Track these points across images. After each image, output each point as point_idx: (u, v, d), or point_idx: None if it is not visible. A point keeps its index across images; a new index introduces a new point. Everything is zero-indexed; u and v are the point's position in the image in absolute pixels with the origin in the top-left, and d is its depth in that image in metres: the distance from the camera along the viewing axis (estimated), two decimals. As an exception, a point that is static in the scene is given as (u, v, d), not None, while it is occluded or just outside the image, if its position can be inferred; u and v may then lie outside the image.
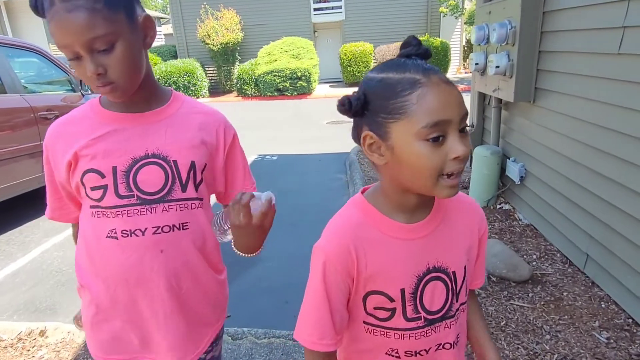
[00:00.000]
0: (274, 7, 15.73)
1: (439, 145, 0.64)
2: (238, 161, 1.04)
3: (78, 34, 0.75)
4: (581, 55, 2.48)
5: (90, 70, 0.78)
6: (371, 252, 0.74)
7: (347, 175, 5.19)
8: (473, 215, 0.83)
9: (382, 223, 0.75)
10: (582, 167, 2.51)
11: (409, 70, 0.66)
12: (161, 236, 0.89)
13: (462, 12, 14.49)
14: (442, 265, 0.77)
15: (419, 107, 0.63)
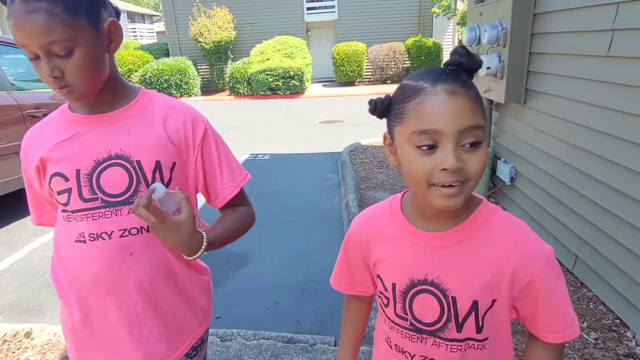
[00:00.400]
0: (266, 5, 15.67)
1: (430, 154, 0.64)
2: (213, 157, 0.96)
3: (35, 37, 0.74)
4: (571, 57, 2.50)
5: (46, 72, 0.77)
6: (380, 242, 0.82)
7: (338, 175, 5.18)
8: (511, 252, 0.72)
9: (397, 220, 0.80)
10: (572, 168, 2.53)
11: (425, 78, 0.66)
12: (129, 239, 0.86)
13: (455, 13, 14.54)
14: (441, 284, 0.74)
15: (413, 114, 0.65)
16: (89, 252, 0.86)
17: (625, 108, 2.04)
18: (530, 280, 0.72)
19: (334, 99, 13.00)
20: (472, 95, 0.65)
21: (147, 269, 0.88)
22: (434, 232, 0.75)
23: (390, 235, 0.80)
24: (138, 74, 13.80)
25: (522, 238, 0.74)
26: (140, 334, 0.91)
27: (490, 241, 0.73)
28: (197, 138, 0.93)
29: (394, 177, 4.81)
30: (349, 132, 7.72)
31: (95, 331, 0.91)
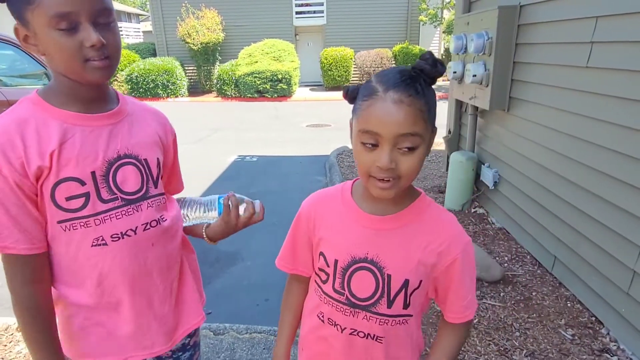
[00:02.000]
0: (256, 8, 15.70)
1: (372, 151, 0.75)
2: (177, 161, 1.09)
3: (88, 2, 0.74)
4: (553, 67, 2.62)
5: (95, 39, 0.75)
6: (327, 220, 0.90)
7: (326, 177, 5.25)
8: (442, 241, 0.83)
9: (345, 202, 0.89)
10: (552, 173, 2.65)
11: (383, 81, 0.74)
12: (150, 231, 0.92)
13: (441, 21, 14.85)
14: (380, 263, 0.84)
15: (363, 114, 0.74)
16: (112, 253, 0.87)
17: (603, 117, 2.16)
18: (450, 264, 0.84)
19: (321, 103, 13.09)
20: (417, 105, 0.71)
21: (164, 254, 0.97)
22: (377, 216, 0.85)
23: (338, 215, 0.88)
24: (124, 73, 13.67)
25: (448, 228, 0.86)
26: (162, 314, 0.98)
27: (423, 228, 0.85)
28: (174, 141, 1.05)
29: (381, 180, 4.90)
30: (336, 135, 7.79)
31: (121, 323, 0.93)
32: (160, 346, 0.99)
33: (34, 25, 0.76)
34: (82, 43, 0.76)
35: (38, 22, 0.75)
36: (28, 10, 0.74)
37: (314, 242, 0.92)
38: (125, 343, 0.95)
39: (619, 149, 2.05)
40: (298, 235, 0.95)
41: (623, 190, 2.03)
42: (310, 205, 0.94)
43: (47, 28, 0.75)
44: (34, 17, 0.74)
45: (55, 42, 0.75)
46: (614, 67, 2.07)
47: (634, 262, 1.94)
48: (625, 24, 2.00)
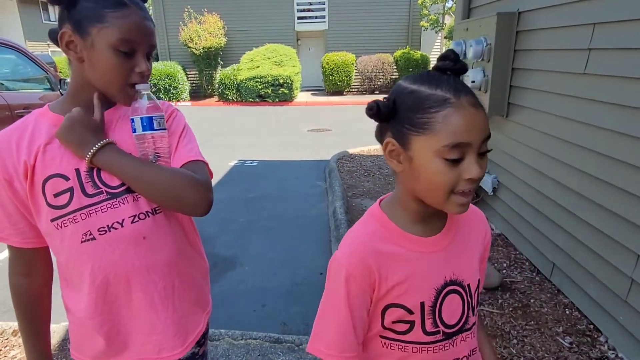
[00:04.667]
0: (258, 14, 15.79)
1: (456, 165, 0.66)
2: (180, 137, 1.01)
3: (149, 38, 0.88)
4: (551, 74, 2.63)
5: (145, 68, 0.88)
6: (391, 266, 0.75)
7: (326, 182, 5.25)
8: (481, 226, 0.86)
9: (400, 237, 0.76)
10: (550, 180, 2.64)
11: (441, 87, 0.67)
12: (139, 224, 0.89)
13: (442, 27, 14.90)
14: (459, 279, 0.79)
15: (443, 126, 0.65)
16: (102, 247, 0.87)
17: (600, 123, 2.16)
18: (487, 242, 0.87)
19: (322, 107, 13.12)
20: (481, 104, 0.69)
21: (161, 250, 0.92)
22: (435, 236, 0.78)
23: (397, 254, 0.75)
24: (126, 77, 13.73)
25: (476, 214, 0.86)
26: (167, 314, 0.94)
27: (466, 226, 0.82)
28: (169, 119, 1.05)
29: (381, 185, 4.90)
30: (336, 140, 7.80)
31: (124, 320, 0.92)
32: (170, 351, 0.96)
33: (95, 40, 0.84)
34: (133, 68, 0.87)
35: (101, 39, 0.83)
36: (96, 26, 0.83)
37: (379, 300, 0.76)
38: (129, 346, 0.94)
39: (616, 155, 2.05)
40: (355, 305, 0.74)
41: (620, 197, 2.02)
42: (362, 259, 0.74)
43: (109, 46, 0.84)
44: (100, 33, 0.83)
45: (111, 60, 0.84)
46: (611, 73, 2.07)
47: (632, 270, 1.93)
48: (622, 31, 2.01)
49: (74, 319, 0.95)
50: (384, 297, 0.75)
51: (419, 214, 0.76)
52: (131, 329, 0.93)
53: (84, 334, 0.94)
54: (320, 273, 2.97)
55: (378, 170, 5.53)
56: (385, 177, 5.23)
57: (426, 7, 14.38)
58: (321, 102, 13.94)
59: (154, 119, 0.88)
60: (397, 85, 0.73)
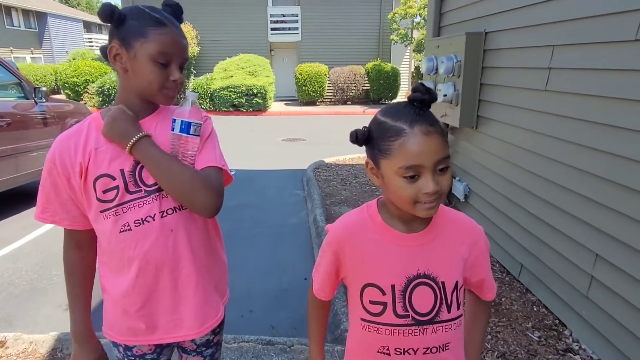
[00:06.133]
0: (231, 24, 15.85)
1: (414, 181, 0.81)
2: (207, 142, 1.16)
3: (182, 52, 1.03)
4: (515, 90, 2.86)
5: (178, 77, 1.02)
6: (366, 247, 0.91)
7: (304, 191, 5.36)
8: (468, 235, 0.95)
9: (382, 228, 0.92)
10: (517, 187, 2.86)
11: (401, 119, 0.81)
12: (167, 218, 1.02)
13: (411, 41, 15.41)
14: (432, 274, 0.90)
15: (399, 152, 0.81)
16: (136, 236, 1.01)
17: (561, 135, 2.38)
18: (479, 254, 0.95)
19: (296, 117, 13.26)
20: (440, 131, 0.82)
21: (186, 241, 1.05)
22: (414, 233, 0.91)
23: (377, 241, 0.90)
24: (95, 85, 13.43)
25: (466, 222, 0.97)
26: (187, 298, 1.08)
27: (451, 230, 0.94)
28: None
29: (357, 193, 5.05)
30: (311, 150, 7.94)
31: (152, 301, 1.05)
32: (188, 330, 1.09)
33: (138, 52, 0.98)
34: (168, 76, 1.00)
35: (143, 52, 0.97)
36: (139, 41, 0.97)
37: (343, 272, 0.95)
38: (155, 327, 1.07)
39: (576, 165, 2.26)
40: (329, 265, 0.97)
41: (579, 201, 2.24)
42: (342, 235, 0.95)
43: (148, 58, 0.97)
44: (142, 47, 0.97)
45: (150, 69, 0.98)
46: (570, 90, 2.30)
47: (591, 267, 2.14)
48: (578, 53, 2.24)
49: (109, 298, 1.09)
50: (356, 272, 0.92)
51: (400, 216, 0.90)
52: (156, 310, 1.07)
53: (116, 312, 1.08)
54: (305, 278, 3.07)
55: (354, 179, 5.69)
56: (361, 185, 5.39)
57: (396, 22, 14.86)
58: (295, 112, 14.07)
59: (192, 124, 1.02)
60: (374, 116, 0.90)
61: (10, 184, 4.10)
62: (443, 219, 0.93)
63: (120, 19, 0.98)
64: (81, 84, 14.36)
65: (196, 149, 1.05)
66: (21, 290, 2.87)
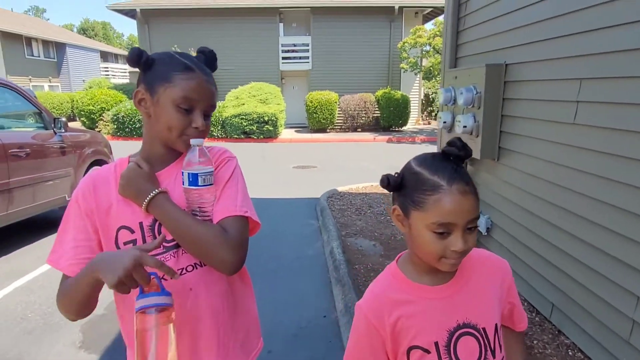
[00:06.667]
0: (243, 53, 16.22)
1: (444, 238, 0.80)
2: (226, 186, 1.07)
3: (208, 98, 0.98)
4: (540, 122, 2.81)
5: (201, 124, 0.96)
6: (402, 311, 0.87)
7: (318, 221, 5.29)
8: (497, 272, 0.94)
9: (410, 287, 0.89)
10: (542, 220, 2.77)
11: (439, 173, 0.80)
12: (187, 276, 0.96)
13: (421, 69, 15.58)
14: (471, 322, 0.87)
15: (433, 207, 0.79)
16: None
17: (588, 169, 2.31)
18: (508, 287, 0.95)
19: (307, 144, 13.33)
20: (474, 191, 0.81)
21: (207, 299, 0.98)
22: (443, 284, 0.89)
23: (410, 301, 0.88)
24: (110, 112, 13.69)
25: (491, 259, 0.96)
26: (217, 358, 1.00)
27: (479, 271, 0.92)
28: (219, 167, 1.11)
29: (373, 224, 4.96)
30: (323, 177, 7.92)
31: None
32: None
33: (161, 97, 0.95)
34: (190, 123, 0.96)
35: (166, 97, 0.94)
36: (163, 86, 0.94)
37: (397, 341, 0.88)
38: None
39: (604, 198, 2.18)
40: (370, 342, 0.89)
41: (610, 238, 2.14)
42: (377, 310, 0.89)
43: (171, 103, 0.94)
44: (165, 92, 0.94)
45: (171, 115, 0.94)
46: (600, 125, 2.24)
47: (633, 311, 2.02)
48: (605, 86, 2.20)
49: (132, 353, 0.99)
50: (399, 338, 0.87)
51: (425, 267, 0.88)
52: None
53: None
54: (324, 316, 2.96)
55: (369, 209, 5.61)
56: (377, 215, 5.31)
57: (405, 50, 15.08)
58: (305, 139, 14.16)
59: (199, 175, 0.93)
60: (408, 163, 0.88)
61: (27, 214, 4.10)
62: (469, 261, 0.91)
63: (148, 63, 0.96)
64: (97, 112, 14.65)
65: (212, 198, 0.98)
66: (34, 326, 2.80)
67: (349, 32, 16.32)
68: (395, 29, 16.37)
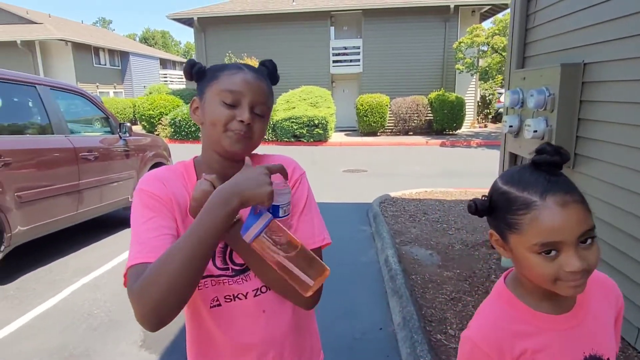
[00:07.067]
0: (295, 58, 16.41)
1: (554, 259, 0.69)
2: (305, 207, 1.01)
3: (254, 92, 0.88)
4: (624, 127, 2.54)
5: (246, 117, 0.86)
6: (526, 346, 0.76)
7: (371, 227, 5.17)
8: (611, 296, 0.84)
9: (531, 316, 0.77)
10: (626, 235, 2.49)
11: (529, 188, 0.70)
12: (261, 297, 0.91)
13: (477, 69, 14.99)
14: (597, 354, 0.77)
15: (530, 228, 0.69)
16: (226, 314, 0.91)
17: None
18: (619, 312, 0.85)
19: (357, 147, 13.23)
20: (579, 199, 0.69)
21: (276, 323, 0.94)
22: (569, 312, 0.78)
23: (530, 334, 0.77)
24: (168, 117, 14.34)
25: (605, 281, 0.84)
26: None
27: (596, 296, 0.81)
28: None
29: (428, 232, 4.77)
30: (373, 181, 7.78)
31: None
32: None
33: (207, 95, 0.89)
34: (235, 116, 0.86)
35: (211, 93, 0.88)
36: (210, 85, 0.89)
37: None
38: None
39: None
40: None
41: None
42: (495, 344, 0.77)
43: (215, 99, 0.87)
44: (210, 89, 0.89)
45: (214, 109, 0.87)
46: None
47: None
48: None
49: None
50: None
51: (542, 292, 0.76)
52: None
53: None
54: (380, 328, 2.85)
55: (423, 216, 5.41)
56: (432, 222, 5.11)
57: (461, 50, 14.55)
58: (355, 143, 14.06)
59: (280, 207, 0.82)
60: (494, 183, 0.78)
61: (94, 214, 4.32)
62: (588, 285, 0.78)
63: (200, 72, 0.92)
64: (156, 116, 15.41)
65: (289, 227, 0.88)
66: (100, 322, 2.92)
67: (401, 34, 16.04)
68: (450, 29, 15.87)
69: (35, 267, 3.86)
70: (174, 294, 0.71)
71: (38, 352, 2.57)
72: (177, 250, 0.72)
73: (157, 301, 0.70)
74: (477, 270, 3.59)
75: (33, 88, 3.77)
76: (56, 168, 3.72)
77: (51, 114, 3.84)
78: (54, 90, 4.01)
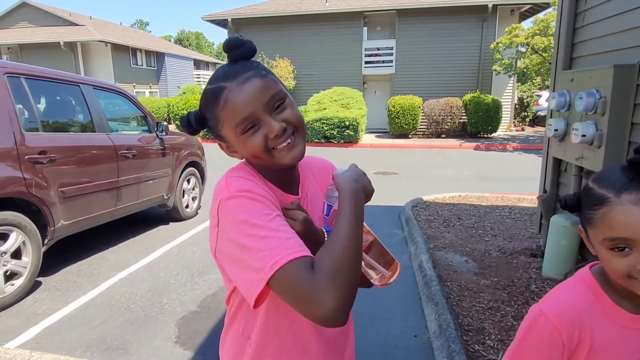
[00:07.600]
0: (327, 59, 16.42)
1: (626, 255, 0.71)
2: None
3: (258, 96, 0.78)
4: (686, 132, 2.36)
5: (277, 130, 0.79)
6: (594, 332, 0.78)
7: (403, 231, 5.08)
8: None
9: (612, 310, 0.79)
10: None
11: (608, 185, 0.73)
12: None
13: (516, 71, 14.53)
14: None
15: (601, 223, 0.73)
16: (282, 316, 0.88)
17: None
18: None
19: (387, 150, 13.09)
20: None
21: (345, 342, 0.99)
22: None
23: (602, 325, 0.79)
24: (202, 116, 14.64)
25: None
26: None
27: None
28: None
29: (463, 238, 4.64)
30: (404, 184, 7.66)
31: None
32: None
33: (228, 137, 0.84)
34: (267, 135, 0.80)
35: (229, 134, 0.82)
36: (219, 128, 0.84)
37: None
38: None
39: None
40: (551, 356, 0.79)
41: None
42: (569, 324, 0.78)
43: (237, 136, 0.81)
44: (225, 131, 0.82)
45: (244, 143, 0.81)
46: None
47: None
48: None
49: None
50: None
51: (626, 291, 0.78)
52: None
53: None
54: (415, 335, 2.77)
55: (457, 220, 5.27)
56: (466, 228, 4.96)
57: (499, 51, 14.14)
58: (386, 145, 13.91)
59: None
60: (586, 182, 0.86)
61: (131, 210, 4.43)
62: None
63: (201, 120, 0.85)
64: (190, 115, 15.77)
65: None
66: (136, 317, 2.97)
67: (436, 34, 15.76)
68: (487, 29, 15.45)
69: (76, 261, 3.99)
70: (358, 277, 0.72)
71: (79, 343, 2.65)
72: (350, 233, 0.73)
73: (352, 284, 0.69)
74: (515, 279, 3.44)
75: (77, 87, 3.90)
76: (97, 165, 3.84)
77: (93, 113, 3.97)
78: (96, 89, 4.14)
